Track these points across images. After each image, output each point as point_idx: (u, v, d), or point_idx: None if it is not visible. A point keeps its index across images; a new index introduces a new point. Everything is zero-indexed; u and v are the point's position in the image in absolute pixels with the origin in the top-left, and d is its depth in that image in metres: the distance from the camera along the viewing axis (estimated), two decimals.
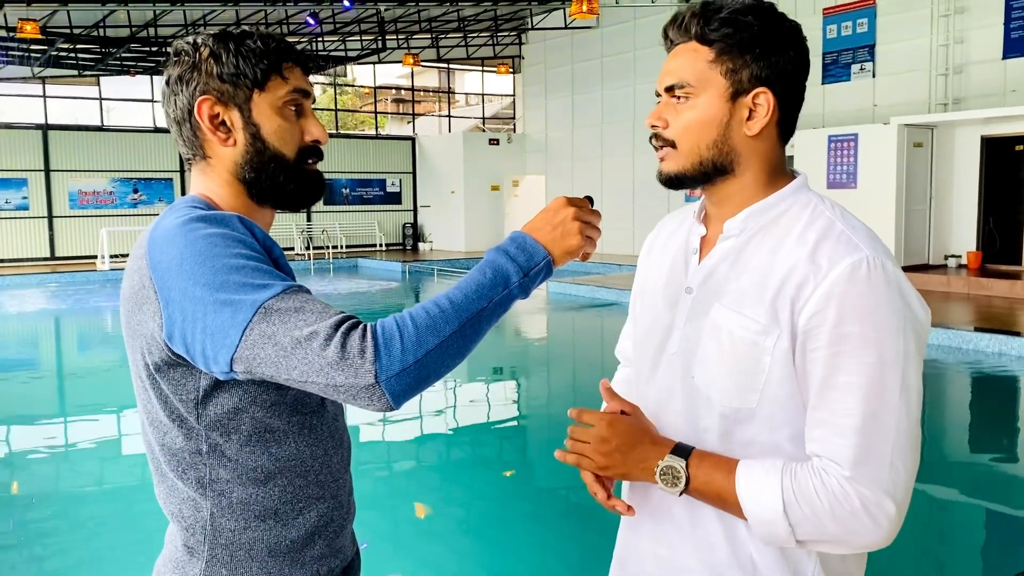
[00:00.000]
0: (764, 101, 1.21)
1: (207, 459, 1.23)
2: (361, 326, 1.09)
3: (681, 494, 1.21)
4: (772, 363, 1.17)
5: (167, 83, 1.30)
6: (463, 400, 7.89)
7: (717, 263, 1.26)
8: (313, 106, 1.38)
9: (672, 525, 1.30)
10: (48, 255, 20.17)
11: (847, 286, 1.12)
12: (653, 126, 1.27)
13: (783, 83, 1.22)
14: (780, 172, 1.27)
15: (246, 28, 1.33)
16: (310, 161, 1.34)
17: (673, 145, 1.25)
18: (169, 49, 1.31)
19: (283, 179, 1.30)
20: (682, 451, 1.22)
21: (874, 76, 14.82)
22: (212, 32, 1.31)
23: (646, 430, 1.28)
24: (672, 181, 1.27)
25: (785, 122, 1.25)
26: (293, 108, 1.31)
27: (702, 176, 1.25)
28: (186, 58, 1.28)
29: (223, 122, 1.28)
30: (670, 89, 1.24)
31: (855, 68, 15.13)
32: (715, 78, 1.21)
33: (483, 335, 1.16)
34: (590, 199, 1.31)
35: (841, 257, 1.14)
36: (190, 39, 1.30)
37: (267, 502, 1.25)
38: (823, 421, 1.14)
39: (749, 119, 1.22)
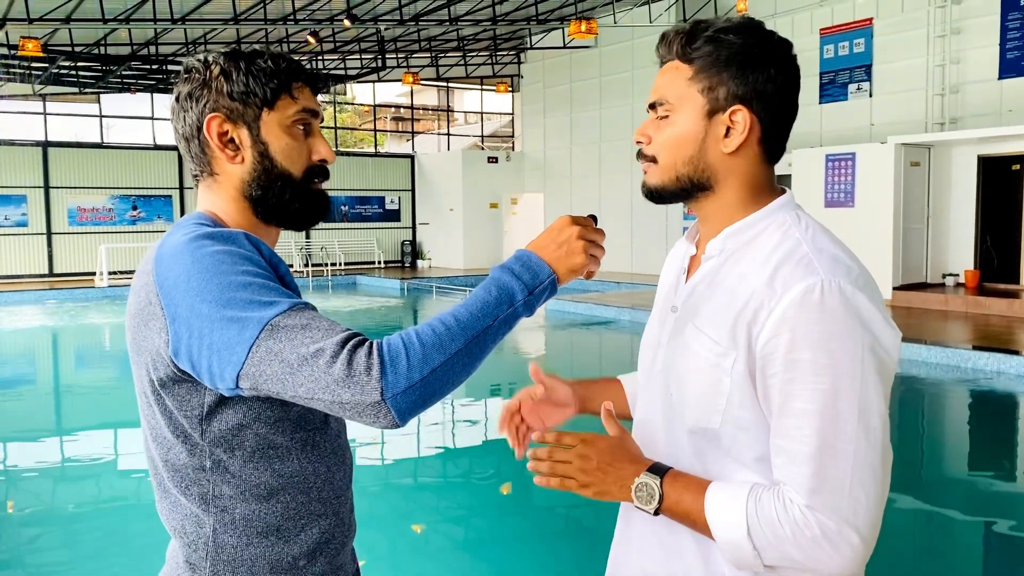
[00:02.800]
0: (741, 119, 1.21)
1: (210, 475, 1.23)
2: (367, 343, 1.09)
3: (656, 512, 1.22)
4: (732, 385, 1.18)
5: (176, 99, 1.32)
6: (461, 417, 7.86)
7: (697, 283, 1.28)
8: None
9: (654, 539, 1.31)
10: (47, 271, 20.16)
11: (799, 311, 1.11)
12: (638, 142, 1.30)
13: (762, 101, 1.22)
14: (763, 191, 1.27)
15: (257, 48, 1.35)
16: (316, 181, 1.36)
17: (654, 160, 1.28)
18: (177, 66, 1.34)
19: (289, 198, 1.32)
20: (658, 470, 1.23)
21: (871, 96, 14.90)
22: (223, 51, 1.33)
23: (626, 449, 1.29)
24: (653, 195, 1.30)
25: (769, 140, 1.25)
26: (301, 127, 1.32)
27: (681, 192, 1.27)
28: (196, 75, 1.30)
29: (232, 139, 1.29)
30: (653, 106, 1.27)
31: (852, 88, 15.22)
32: (693, 95, 1.23)
33: (488, 353, 1.17)
34: (594, 217, 1.33)
35: (796, 281, 1.13)
36: (201, 57, 1.32)
37: (270, 518, 1.25)
38: (781, 448, 1.14)
39: (726, 136, 1.23)
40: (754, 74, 1.21)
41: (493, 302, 1.16)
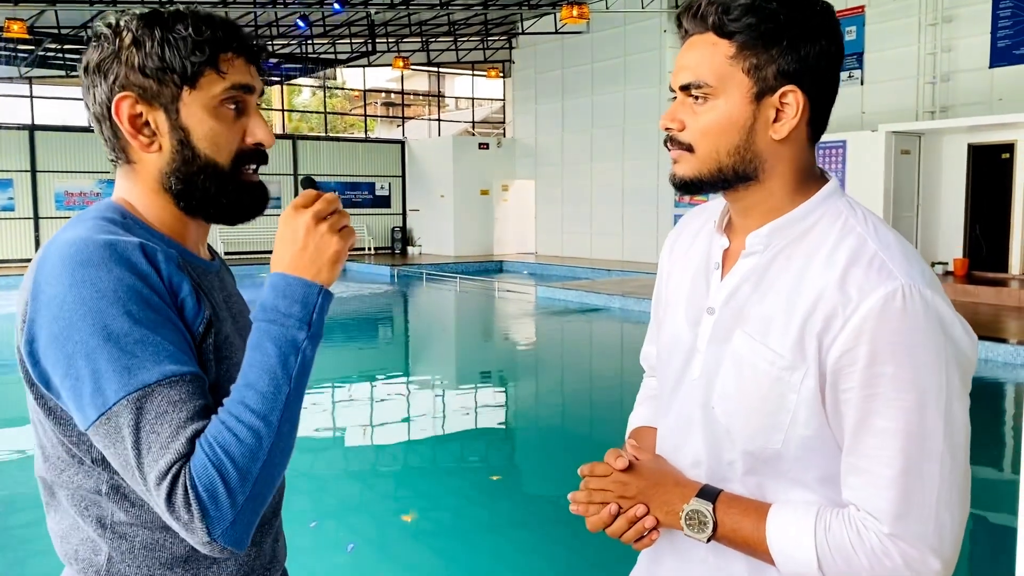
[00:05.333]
0: (793, 100, 1.07)
1: (106, 500, 1.09)
2: (181, 481, 0.95)
3: (709, 540, 1.12)
4: (798, 402, 1.06)
5: (85, 71, 1.11)
6: (451, 405, 7.86)
7: (740, 283, 1.14)
8: (302, 107, 1.25)
9: (698, 564, 1.20)
10: (34, 256, 20.02)
11: (880, 321, 1.00)
12: (667, 128, 1.13)
13: (814, 78, 1.07)
14: (810, 177, 1.14)
15: (180, 8, 1.11)
16: (249, 169, 1.16)
17: (690, 149, 1.11)
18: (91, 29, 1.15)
19: (216, 191, 1.13)
20: (708, 494, 1.13)
21: (862, 84, 14.90)
22: (139, 11, 1.10)
23: (667, 471, 1.19)
24: (688, 186, 1.13)
25: (816, 121, 1.11)
26: (232, 106, 1.12)
27: (721, 182, 1.12)
28: (105, 43, 1.09)
29: (147, 123, 1.10)
30: (686, 88, 1.10)
31: (844, 75, 15.19)
32: (737, 76, 1.07)
33: (299, 414, 1.04)
34: (311, 181, 1.13)
35: (873, 287, 1.01)
36: (112, 19, 1.10)
37: (176, 549, 1.10)
38: (859, 469, 1.03)
39: (776, 121, 1.08)
40: (805, 48, 1.06)
41: (279, 363, 1.01)
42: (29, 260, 19.49)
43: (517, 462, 6.31)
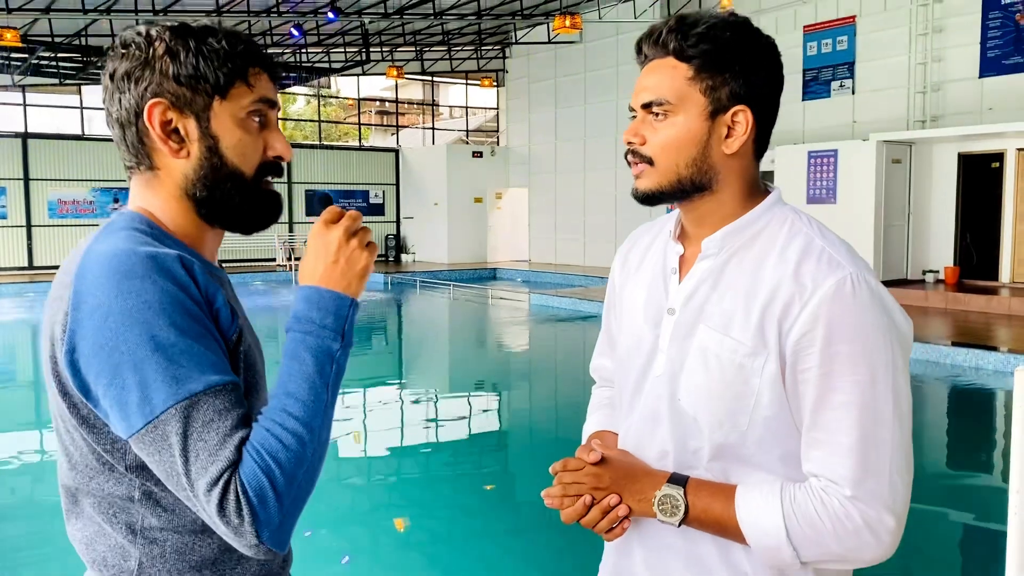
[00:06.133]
0: (743, 119, 1.20)
1: (139, 506, 1.11)
2: (232, 488, 0.99)
3: (680, 524, 1.19)
4: (761, 385, 1.16)
5: (111, 78, 1.14)
6: (444, 413, 7.86)
7: (698, 284, 1.24)
8: (296, 116, 1.29)
9: (667, 549, 1.27)
10: (26, 264, 19.96)
11: (833, 305, 1.12)
12: (630, 142, 1.25)
13: (760, 101, 1.21)
14: (756, 188, 1.26)
15: (208, 23, 1.16)
16: (268, 179, 1.21)
17: (651, 162, 1.23)
18: (116, 39, 1.18)
19: (239, 200, 1.17)
20: (678, 480, 1.21)
21: (854, 93, 14.99)
22: (169, 24, 1.14)
23: (637, 463, 1.27)
24: (648, 198, 1.25)
25: (760, 139, 1.24)
26: (256, 119, 1.17)
27: (679, 193, 1.23)
28: (136, 52, 1.12)
29: (176, 130, 1.13)
30: (647, 106, 1.22)
31: (835, 85, 15.30)
32: (695, 95, 1.19)
33: (333, 417, 1.10)
34: (327, 198, 1.21)
35: (825, 276, 1.13)
36: (142, 29, 1.14)
37: (205, 552, 1.13)
38: (820, 441, 1.14)
39: (728, 137, 1.21)
40: (754, 74, 1.19)
41: (317, 372, 1.07)
42: (22, 268, 19.37)
43: (510, 470, 6.31)
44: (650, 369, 1.28)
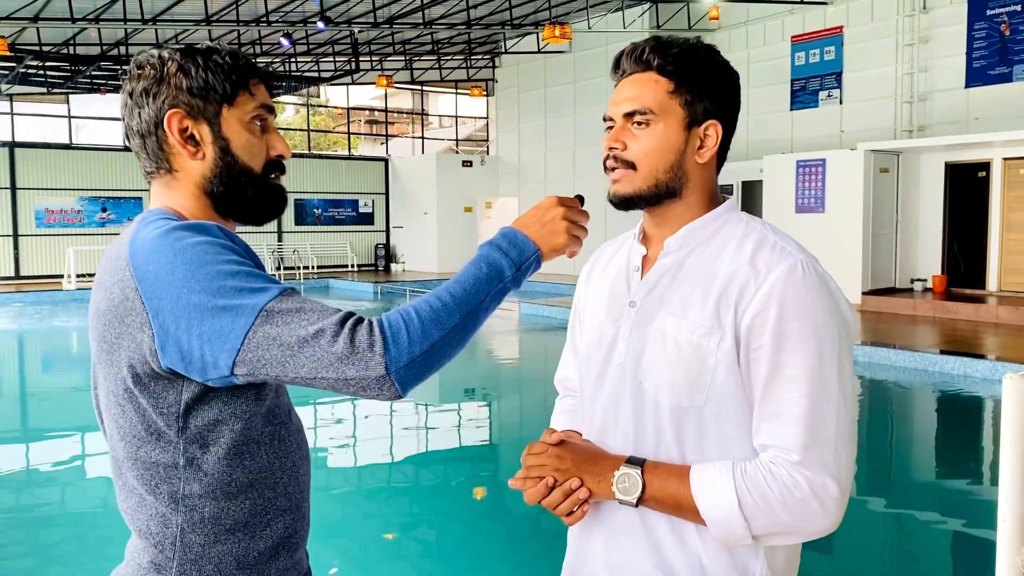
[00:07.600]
0: (714, 132, 1.33)
1: (183, 472, 1.23)
2: (367, 321, 1.14)
3: (638, 503, 1.26)
4: (716, 362, 1.24)
5: (130, 96, 1.31)
6: (434, 422, 7.84)
7: (659, 277, 1.34)
8: (285, 125, 1.39)
9: (625, 531, 1.33)
10: (13, 274, 19.83)
11: (785, 286, 1.21)
12: (612, 148, 1.35)
13: (726, 117, 1.34)
14: (716, 196, 1.38)
15: (211, 44, 1.35)
16: (274, 175, 1.38)
17: (633, 167, 1.33)
18: (131, 62, 1.33)
19: (251, 193, 1.33)
20: (636, 462, 1.28)
21: (841, 103, 15.09)
22: (177, 47, 1.34)
23: (597, 448, 1.35)
24: (626, 201, 1.36)
25: (722, 152, 1.37)
26: (259, 123, 1.34)
27: (654, 198, 1.34)
28: (151, 71, 1.29)
29: (192, 136, 1.29)
30: (630, 115, 1.33)
31: (823, 95, 15.40)
32: (674, 107, 1.31)
33: (481, 325, 1.22)
34: (580, 198, 1.37)
35: (778, 262, 1.24)
36: (154, 53, 1.32)
37: (238, 515, 1.26)
38: (771, 413, 1.22)
39: (700, 148, 1.33)
40: (723, 94, 1.34)
41: (484, 278, 1.22)
42: (9, 278, 19.17)
43: (500, 480, 6.29)
44: (611, 359, 1.37)
